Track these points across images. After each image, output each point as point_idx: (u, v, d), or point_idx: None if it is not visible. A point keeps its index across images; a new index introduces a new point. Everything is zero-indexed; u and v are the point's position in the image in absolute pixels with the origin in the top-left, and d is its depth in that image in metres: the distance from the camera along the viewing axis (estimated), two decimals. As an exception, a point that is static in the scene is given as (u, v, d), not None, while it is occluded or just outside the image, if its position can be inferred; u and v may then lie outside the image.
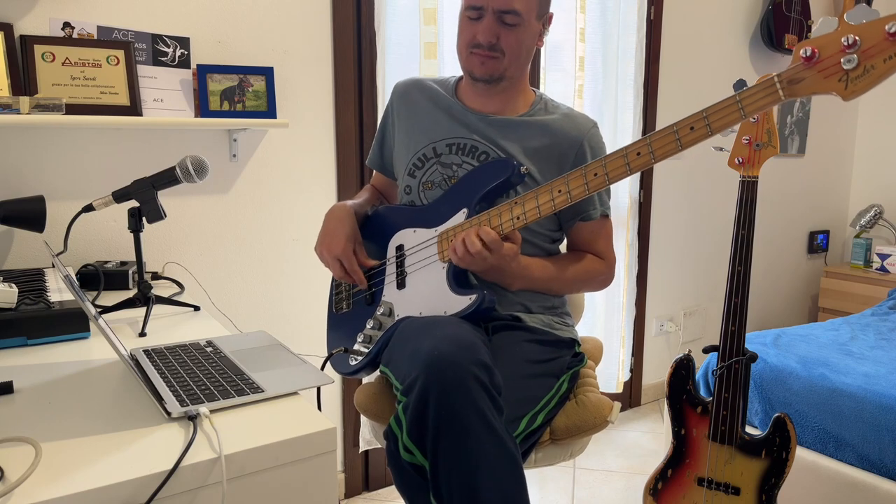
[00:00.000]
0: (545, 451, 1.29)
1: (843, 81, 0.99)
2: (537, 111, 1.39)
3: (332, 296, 1.50)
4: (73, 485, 0.67)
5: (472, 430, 0.99)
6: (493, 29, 1.27)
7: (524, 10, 1.26)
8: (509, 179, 1.25)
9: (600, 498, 2.26)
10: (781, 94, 1.03)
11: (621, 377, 2.83)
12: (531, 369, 1.25)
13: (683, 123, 1.08)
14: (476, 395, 1.00)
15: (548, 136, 1.35)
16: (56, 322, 1.13)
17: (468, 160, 1.36)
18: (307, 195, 2.04)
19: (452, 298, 1.25)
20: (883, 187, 3.73)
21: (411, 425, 1.02)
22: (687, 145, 1.08)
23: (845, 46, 0.98)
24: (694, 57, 2.97)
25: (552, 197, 1.19)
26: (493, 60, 1.30)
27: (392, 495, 2.27)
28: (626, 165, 1.13)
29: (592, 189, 1.16)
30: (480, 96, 1.39)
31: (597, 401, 1.32)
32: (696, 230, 3.14)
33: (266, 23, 1.90)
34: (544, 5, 1.32)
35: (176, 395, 0.87)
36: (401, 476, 1.07)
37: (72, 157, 1.67)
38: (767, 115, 1.51)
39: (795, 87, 1.02)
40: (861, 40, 0.97)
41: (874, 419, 1.73)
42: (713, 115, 1.06)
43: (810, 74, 1.01)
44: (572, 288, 1.41)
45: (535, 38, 1.33)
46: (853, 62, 0.97)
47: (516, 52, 1.30)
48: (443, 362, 1.01)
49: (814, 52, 1.00)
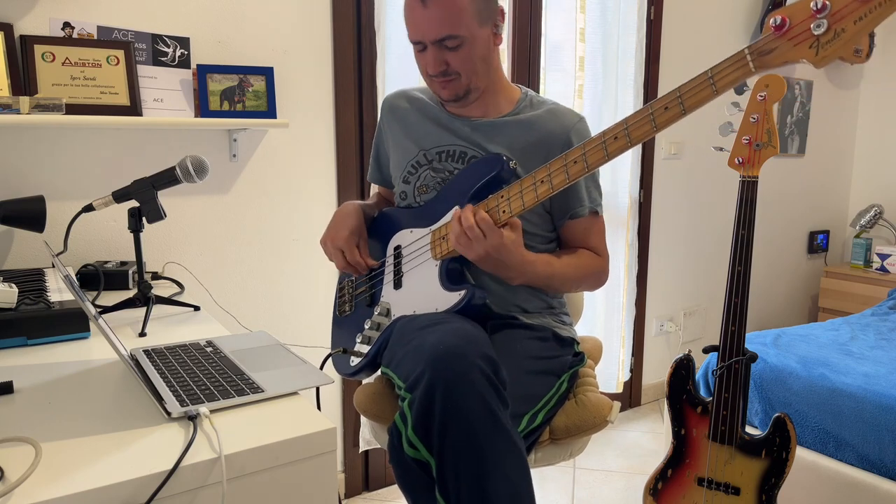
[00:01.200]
0: (545, 450, 1.29)
1: (814, 48, 0.96)
2: (522, 108, 1.39)
3: (337, 299, 1.52)
4: (73, 485, 0.67)
5: (480, 424, 0.99)
6: (438, 57, 1.27)
7: (461, 31, 1.23)
8: (499, 175, 1.25)
9: (600, 498, 2.26)
10: (752, 66, 1.00)
11: (621, 377, 2.83)
12: (533, 366, 1.25)
13: (658, 104, 1.07)
14: (482, 389, 1.01)
15: (534, 133, 1.35)
16: (56, 322, 1.13)
17: (458, 166, 1.36)
18: (307, 195, 2.04)
19: (444, 295, 1.26)
20: (883, 187, 3.73)
21: (417, 420, 1.02)
22: (662, 126, 1.07)
23: (815, 11, 0.95)
24: (694, 57, 2.97)
25: (535, 186, 1.18)
26: (451, 83, 1.30)
27: (392, 495, 2.27)
28: (603, 149, 1.12)
29: (573, 176, 1.15)
30: (461, 106, 1.39)
31: (596, 400, 1.32)
32: (696, 230, 3.14)
33: (266, 23, 1.90)
34: (484, 11, 1.27)
35: (176, 395, 0.87)
36: (403, 472, 1.06)
37: (72, 157, 1.67)
38: (767, 115, 1.51)
39: (766, 58, 1.00)
40: (831, 3, 0.94)
41: (874, 419, 1.73)
42: (686, 93, 1.05)
43: (780, 43, 0.99)
44: (571, 286, 1.40)
45: (487, 44, 1.30)
46: (823, 27, 0.95)
47: (471, 69, 1.28)
48: (448, 356, 1.01)
49: (784, 21, 0.98)
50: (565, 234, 1.41)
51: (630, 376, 2.98)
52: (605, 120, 2.62)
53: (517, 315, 1.36)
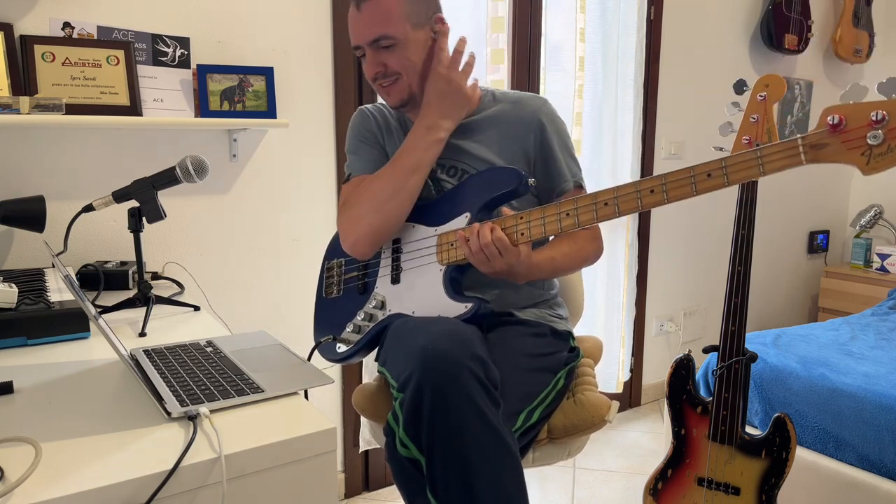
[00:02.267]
0: (543, 450, 1.29)
1: (866, 156, 0.96)
2: (486, 104, 1.39)
3: (323, 279, 1.49)
4: (73, 485, 0.67)
5: (467, 423, 1.00)
6: (376, 59, 1.29)
7: (391, 30, 1.25)
8: (516, 190, 1.24)
9: (600, 498, 2.26)
10: (803, 158, 1.00)
11: (621, 377, 2.83)
12: (529, 363, 1.25)
13: (701, 169, 1.06)
14: (471, 389, 1.01)
15: (504, 126, 1.35)
16: (56, 322, 1.13)
17: (446, 178, 1.35)
18: (307, 195, 2.04)
19: (448, 304, 1.24)
20: (883, 187, 3.73)
21: (407, 420, 1.03)
22: (701, 191, 1.07)
23: (873, 122, 0.95)
24: (694, 57, 2.97)
25: (559, 218, 1.18)
26: (394, 85, 1.31)
27: (392, 495, 2.27)
28: (637, 200, 1.11)
29: (601, 217, 1.15)
30: (409, 111, 1.38)
31: (595, 400, 1.32)
32: (696, 230, 3.14)
33: (266, 23, 1.90)
34: (418, 14, 1.28)
35: (176, 395, 0.87)
36: (399, 471, 1.08)
37: (72, 157, 1.67)
38: (767, 115, 1.51)
39: (818, 152, 1.00)
40: (890, 117, 0.94)
41: (874, 419, 1.73)
42: (732, 166, 1.04)
43: (834, 142, 0.99)
44: (573, 271, 1.42)
45: (424, 47, 1.30)
46: (878, 138, 0.95)
47: (409, 68, 1.29)
48: (437, 357, 1.02)
49: (841, 121, 0.98)
50: None
51: (630, 376, 2.98)
52: (605, 120, 2.62)
53: (513, 311, 1.36)
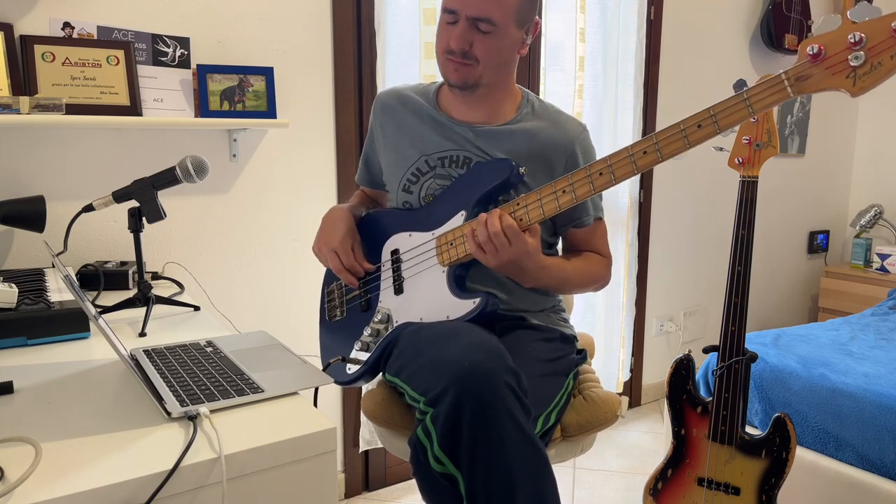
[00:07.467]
0: (557, 448, 1.30)
1: (851, 78, 0.99)
2: (524, 116, 1.36)
3: (325, 303, 1.47)
4: (73, 485, 0.67)
5: (509, 438, 0.99)
6: (467, 35, 1.23)
7: (499, 19, 1.22)
8: (508, 180, 1.23)
9: (600, 498, 2.26)
10: (790, 91, 1.02)
11: (621, 377, 2.83)
12: (543, 368, 1.25)
13: (690, 121, 1.07)
14: (510, 403, 1.01)
15: (537, 143, 1.33)
16: (56, 322, 1.13)
17: (463, 172, 1.33)
18: (307, 195, 2.04)
19: (455, 302, 1.23)
20: (883, 187, 3.73)
21: (443, 436, 1.00)
22: (694, 143, 1.08)
23: (852, 44, 0.98)
24: (694, 57, 2.97)
25: (556, 196, 1.17)
26: (466, 67, 1.26)
27: (392, 495, 2.27)
28: (632, 164, 1.12)
29: (598, 188, 1.14)
30: (462, 104, 1.35)
31: (606, 397, 1.34)
32: (696, 230, 3.14)
33: (266, 23, 1.90)
34: (526, 13, 1.26)
35: (176, 395, 0.87)
36: (430, 486, 1.05)
37: (72, 157, 1.67)
38: (767, 115, 1.51)
39: (803, 83, 1.02)
40: (867, 37, 0.97)
41: (874, 419, 1.73)
42: (720, 112, 1.06)
43: (818, 71, 1.01)
44: (579, 289, 1.40)
45: (514, 46, 1.28)
46: (860, 59, 0.97)
47: (491, 60, 1.26)
48: (475, 373, 1.00)
49: (820, 50, 1.00)
50: (569, 239, 1.41)
51: (630, 376, 2.98)
52: (605, 120, 2.62)
53: (525, 316, 1.35)
